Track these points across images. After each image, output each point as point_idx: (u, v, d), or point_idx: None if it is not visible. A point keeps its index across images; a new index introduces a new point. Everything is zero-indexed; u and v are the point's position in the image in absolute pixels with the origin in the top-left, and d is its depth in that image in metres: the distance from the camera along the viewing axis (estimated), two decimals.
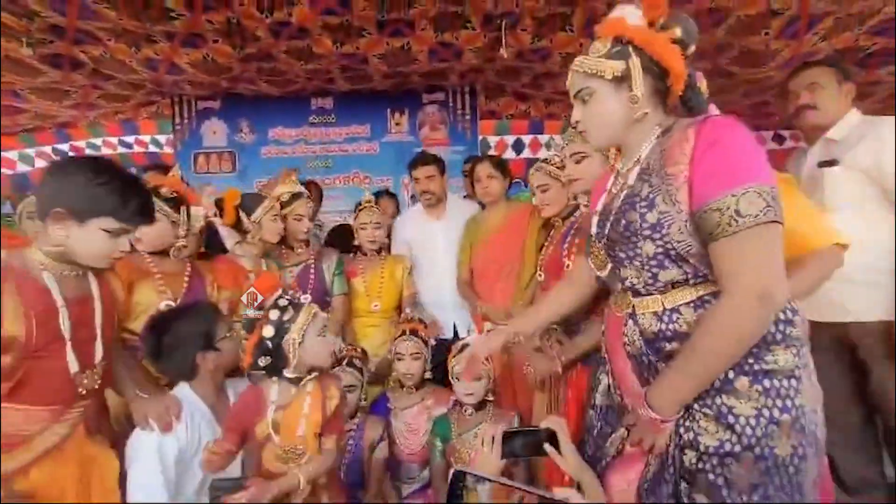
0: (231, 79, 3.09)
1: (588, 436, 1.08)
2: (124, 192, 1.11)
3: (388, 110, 3.75)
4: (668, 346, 0.90)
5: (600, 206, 1.03)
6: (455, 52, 2.83)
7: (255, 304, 1.26)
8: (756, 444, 0.83)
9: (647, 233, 0.89)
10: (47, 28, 2.25)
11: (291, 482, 1.22)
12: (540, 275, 1.66)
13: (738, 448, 0.84)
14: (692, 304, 0.89)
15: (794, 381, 0.85)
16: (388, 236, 2.42)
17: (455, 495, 0.83)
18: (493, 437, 0.89)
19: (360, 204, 2.27)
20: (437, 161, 2.37)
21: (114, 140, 4.06)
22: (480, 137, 3.94)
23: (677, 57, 0.90)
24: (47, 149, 4.06)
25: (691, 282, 0.89)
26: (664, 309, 0.91)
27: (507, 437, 0.90)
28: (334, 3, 2.18)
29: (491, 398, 1.72)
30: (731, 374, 0.85)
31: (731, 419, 0.84)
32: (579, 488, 0.81)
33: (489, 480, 0.83)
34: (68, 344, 1.10)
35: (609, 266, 1.00)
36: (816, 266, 1.22)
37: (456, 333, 2.30)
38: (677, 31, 0.90)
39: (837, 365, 1.54)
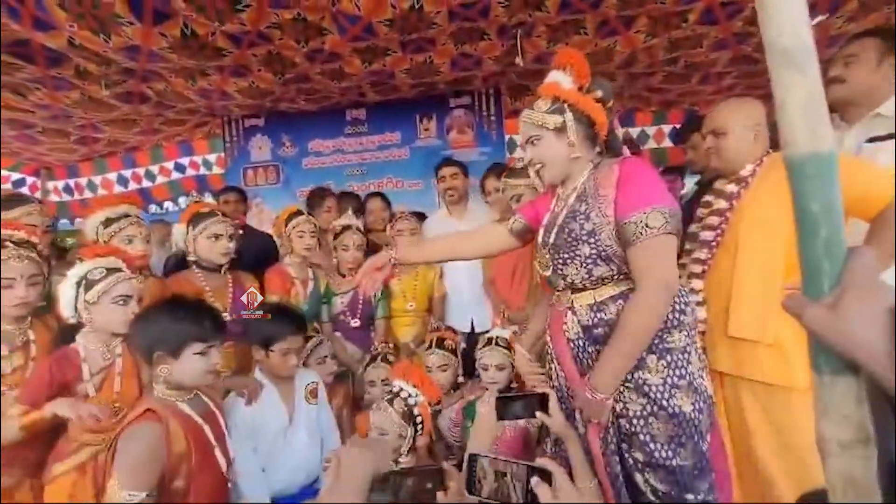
0: (274, 99, 3.40)
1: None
2: (198, 316, 1.32)
3: (417, 117, 3.92)
4: (597, 331, 1.15)
5: (546, 220, 1.28)
6: (475, 61, 2.98)
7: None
8: (667, 405, 1.08)
9: (584, 238, 1.14)
10: (121, 71, 2.62)
11: None
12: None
13: (655, 408, 1.08)
14: (615, 297, 1.14)
15: (685, 355, 1.10)
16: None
17: (471, 477, 0.86)
18: (489, 401, 1.07)
19: (394, 215, 2.52)
20: (461, 164, 2.65)
21: (169, 165, 4.50)
22: (507, 137, 4.06)
23: (600, 111, 1.17)
24: (112, 175, 4.57)
25: (615, 278, 1.14)
26: (595, 302, 1.16)
27: (506, 402, 1.07)
28: (361, 32, 2.39)
29: (515, 384, 1.82)
30: (644, 354, 1.09)
31: (645, 388, 1.10)
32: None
33: (494, 459, 0.86)
34: (216, 449, 1.35)
35: (551, 267, 1.23)
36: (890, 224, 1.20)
37: (473, 328, 2.50)
38: (599, 93, 1.17)
39: None
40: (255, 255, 2.41)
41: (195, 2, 2.04)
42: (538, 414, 1.05)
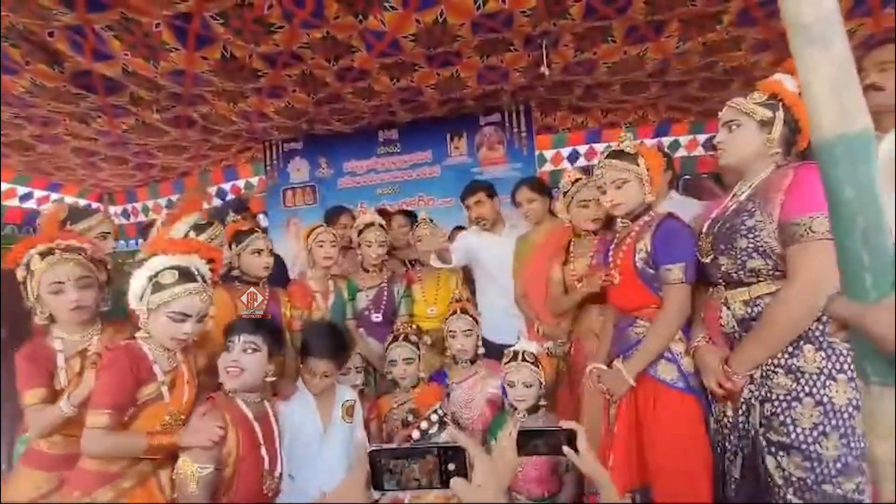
0: (308, 121, 3.55)
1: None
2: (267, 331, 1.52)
3: (448, 135, 3.97)
4: (754, 325, 1.22)
5: (715, 213, 1.37)
6: (502, 73, 3.00)
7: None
8: (815, 392, 1.10)
9: (743, 232, 1.21)
10: (169, 96, 2.82)
11: None
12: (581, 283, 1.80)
13: (801, 394, 1.12)
14: (770, 296, 1.19)
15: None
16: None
17: (377, 474, 0.72)
18: (510, 433, 0.94)
19: (416, 221, 2.52)
20: (485, 187, 2.56)
21: (212, 191, 4.70)
22: (537, 153, 4.03)
23: None
24: (163, 201, 4.85)
25: (770, 274, 1.19)
26: (750, 298, 1.22)
27: (529, 435, 0.93)
28: (387, 47, 2.47)
29: (544, 403, 1.77)
30: (800, 342, 1.13)
31: (797, 374, 1.13)
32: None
33: (401, 450, 0.73)
34: (262, 447, 1.45)
35: (711, 255, 1.30)
36: None
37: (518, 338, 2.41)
38: None
39: None
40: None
41: (233, 26, 2.18)
42: (565, 450, 0.90)
